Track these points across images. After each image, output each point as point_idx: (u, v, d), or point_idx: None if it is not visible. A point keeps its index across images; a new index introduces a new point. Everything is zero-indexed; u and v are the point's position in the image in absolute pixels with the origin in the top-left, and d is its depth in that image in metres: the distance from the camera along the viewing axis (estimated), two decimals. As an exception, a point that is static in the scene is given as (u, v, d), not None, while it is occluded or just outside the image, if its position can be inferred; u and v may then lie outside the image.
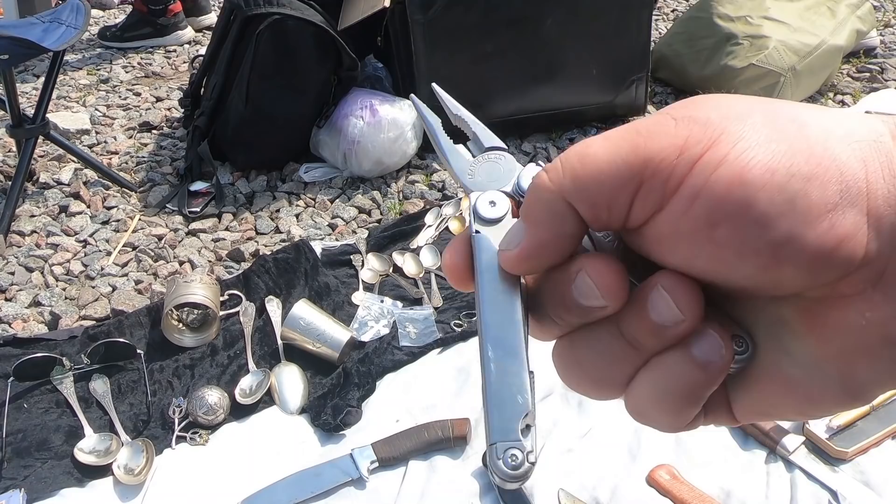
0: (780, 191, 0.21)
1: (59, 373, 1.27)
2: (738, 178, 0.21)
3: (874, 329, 0.21)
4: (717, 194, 0.21)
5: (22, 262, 1.63)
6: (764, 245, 0.21)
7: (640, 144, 0.22)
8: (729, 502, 1.04)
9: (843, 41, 2.19)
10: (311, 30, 1.79)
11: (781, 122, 0.22)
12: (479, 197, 0.27)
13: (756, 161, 0.21)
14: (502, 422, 0.23)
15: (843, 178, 0.21)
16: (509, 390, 0.23)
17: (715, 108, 0.22)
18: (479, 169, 0.28)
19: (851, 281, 0.21)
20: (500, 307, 0.25)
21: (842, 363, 0.22)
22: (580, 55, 2.00)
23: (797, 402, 0.24)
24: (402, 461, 1.13)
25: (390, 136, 1.83)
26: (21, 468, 1.13)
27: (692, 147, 0.22)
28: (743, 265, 0.21)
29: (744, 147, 0.21)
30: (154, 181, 1.94)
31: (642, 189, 0.22)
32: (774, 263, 0.21)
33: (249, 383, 1.26)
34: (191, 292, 1.34)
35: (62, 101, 2.42)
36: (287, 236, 1.70)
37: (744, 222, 0.21)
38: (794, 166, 0.21)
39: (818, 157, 0.21)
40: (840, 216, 0.20)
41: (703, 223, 0.21)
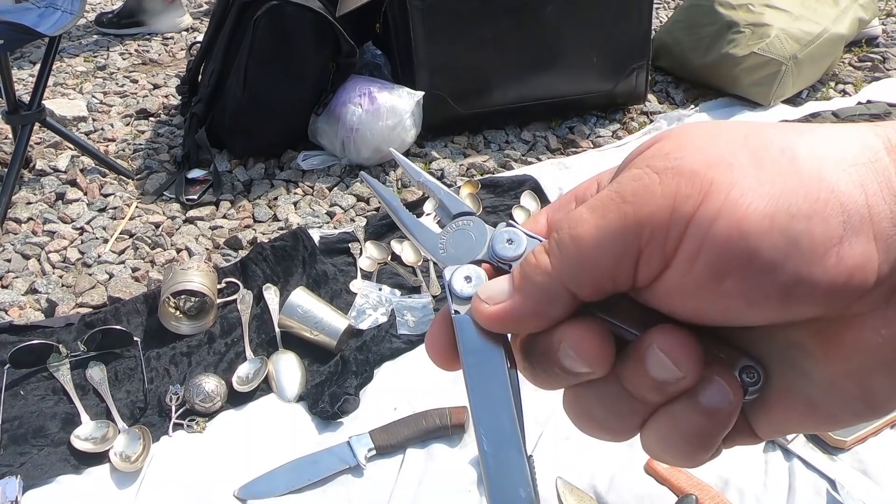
0: (781, 234, 0.20)
1: (55, 360, 1.26)
2: (737, 230, 0.20)
3: (890, 344, 0.21)
4: (718, 249, 0.21)
5: (18, 250, 1.62)
6: (774, 291, 0.21)
7: (629, 213, 0.22)
8: (727, 490, 1.04)
9: (845, 30, 2.18)
10: (309, 16, 1.78)
11: (771, 157, 0.21)
12: (452, 273, 0.26)
13: (752, 208, 0.20)
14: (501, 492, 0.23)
15: (845, 209, 0.20)
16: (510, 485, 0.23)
17: (700, 153, 0.21)
18: (449, 240, 0.27)
19: (865, 301, 0.21)
20: (488, 392, 0.24)
21: (860, 380, 0.22)
22: (580, 43, 1.99)
23: (819, 420, 0.24)
24: (400, 449, 1.12)
25: (389, 124, 1.82)
26: (17, 455, 1.13)
27: (683, 205, 0.21)
28: (755, 311, 0.21)
29: (737, 195, 0.20)
30: (151, 168, 1.93)
31: (643, 256, 0.22)
32: (787, 305, 0.21)
33: (247, 371, 1.26)
34: (188, 280, 1.33)
35: (59, 87, 2.40)
36: (285, 224, 1.69)
37: (750, 272, 0.21)
38: (793, 206, 0.20)
39: (815, 192, 0.20)
40: (847, 248, 0.20)
41: (709, 278, 0.21)
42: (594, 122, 2.09)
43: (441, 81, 1.92)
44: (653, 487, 1.03)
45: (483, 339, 0.25)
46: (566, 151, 1.99)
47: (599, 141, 2.01)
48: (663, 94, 2.24)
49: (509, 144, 2.00)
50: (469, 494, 1.06)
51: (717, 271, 0.21)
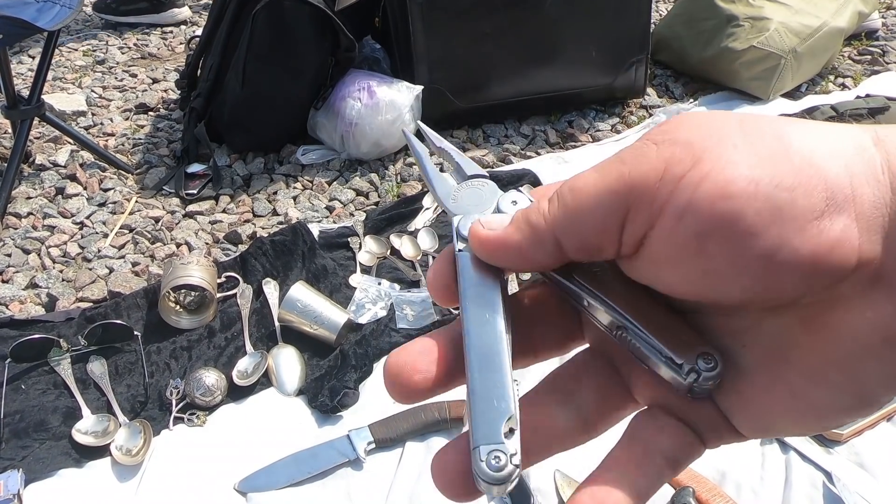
0: (765, 201, 0.21)
1: (56, 354, 1.27)
2: (722, 192, 0.21)
3: (876, 329, 0.21)
4: (702, 211, 0.21)
5: (19, 244, 1.63)
6: (755, 256, 0.21)
7: (625, 173, 0.23)
8: (724, 483, 1.04)
9: (845, 23, 2.18)
10: (307, 10, 1.78)
11: (763, 141, 0.22)
12: (461, 219, 0.28)
13: (739, 174, 0.21)
14: (485, 425, 0.23)
15: (828, 187, 0.21)
16: (492, 396, 0.24)
17: (696, 130, 0.22)
18: (461, 194, 0.29)
19: (849, 284, 0.21)
20: (482, 320, 0.25)
21: (846, 367, 0.22)
22: (579, 37, 1.98)
23: (802, 414, 0.23)
24: (399, 442, 1.13)
25: (388, 118, 1.82)
26: (19, 449, 1.13)
27: (674, 167, 0.22)
28: (737, 278, 0.22)
29: (726, 163, 0.21)
30: (151, 163, 1.93)
31: (629, 214, 0.23)
32: (768, 273, 0.21)
33: (247, 365, 1.26)
34: (188, 274, 1.33)
35: (58, 82, 2.40)
36: (284, 219, 1.70)
37: (732, 235, 0.21)
38: (777, 178, 0.21)
39: (801, 169, 0.21)
40: (828, 222, 0.21)
41: (692, 240, 0.22)
42: (593, 116, 2.09)
43: (440, 76, 1.92)
44: (650, 480, 1.04)
45: (482, 273, 0.26)
46: (565, 145, 1.99)
47: (598, 135, 2.02)
48: (662, 88, 2.24)
49: (508, 139, 2.00)
50: (468, 487, 1.07)
51: (701, 233, 0.21)
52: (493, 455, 0.22)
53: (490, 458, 0.22)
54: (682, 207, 0.21)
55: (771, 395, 0.24)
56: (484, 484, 0.23)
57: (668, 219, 0.22)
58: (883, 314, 0.21)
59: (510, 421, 0.23)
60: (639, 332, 0.24)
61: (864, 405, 0.23)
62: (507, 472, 0.22)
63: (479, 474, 0.23)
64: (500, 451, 0.23)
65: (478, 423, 0.23)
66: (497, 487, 0.23)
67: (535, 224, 0.25)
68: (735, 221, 0.21)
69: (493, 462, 0.22)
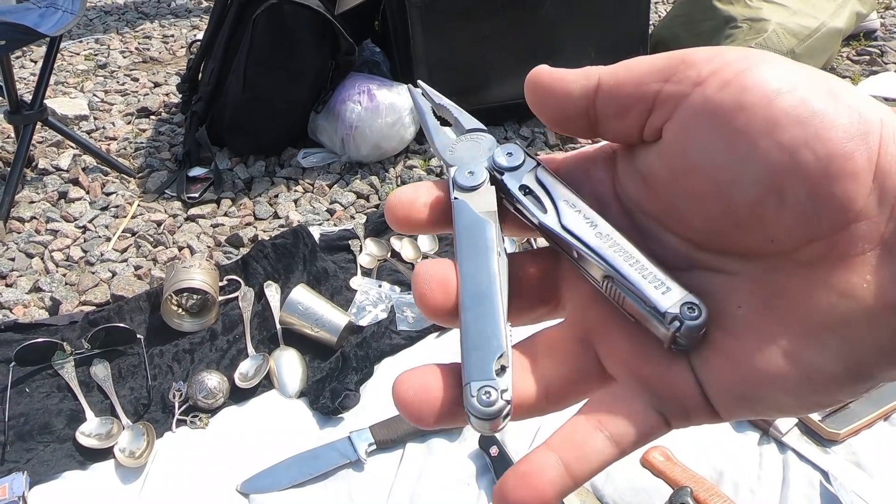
0: (801, 101, 0.21)
1: (60, 358, 1.28)
2: (769, 77, 0.21)
3: (876, 294, 0.21)
4: (746, 85, 0.21)
5: (22, 248, 1.64)
6: (779, 144, 0.21)
7: (678, 52, 0.24)
8: (722, 483, 1.05)
9: (843, 24, 2.18)
10: (307, 14, 1.79)
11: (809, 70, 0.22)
12: (457, 169, 0.28)
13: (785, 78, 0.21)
14: (476, 362, 0.23)
15: (863, 121, 0.21)
16: (483, 334, 0.24)
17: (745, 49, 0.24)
18: (459, 146, 0.29)
19: (849, 238, 0.21)
20: (476, 262, 0.25)
21: (843, 331, 0.21)
22: (578, 38, 1.99)
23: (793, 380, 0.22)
24: (400, 443, 1.14)
25: (388, 121, 1.83)
26: (24, 451, 1.15)
27: (726, 53, 0.23)
28: (753, 162, 0.21)
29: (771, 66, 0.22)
30: (152, 167, 1.94)
31: (673, 78, 0.23)
32: (780, 172, 0.21)
33: (248, 367, 1.27)
34: (190, 277, 1.34)
35: (60, 86, 2.42)
36: (285, 222, 1.71)
37: (765, 115, 0.21)
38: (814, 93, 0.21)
39: (837, 96, 0.21)
40: (854, 149, 0.20)
41: (728, 107, 0.22)
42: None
43: (440, 78, 1.93)
44: (648, 480, 1.05)
45: (477, 216, 0.27)
46: (564, 147, 2.00)
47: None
48: (661, 90, 2.24)
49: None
50: (468, 488, 1.08)
51: (739, 103, 0.22)
52: (484, 391, 0.23)
53: (481, 393, 0.23)
54: (726, 80, 0.22)
55: (762, 357, 0.22)
56: (476, 420, 0.23)
57: (710, 86, 0.22)
58: (883, 279, 0.21)
59: (502, 358, 0.23)
60: (624, 282, 0.24)
61: (856, 378, 0.22)
62: (497, 407, 0.22)
63: (471, 410, 0.23)
64: (490, 386, 0.23)
65: (469, 360, 0.23)
66: (489, 423, 0.23)
67: (592, 77, 0.26)
68: (771, 103, 0.21)
69: (484, 397, 0.22)
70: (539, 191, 0.27)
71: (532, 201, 0.27)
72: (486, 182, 0.27)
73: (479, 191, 0.27)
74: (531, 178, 0.27)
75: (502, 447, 1.09)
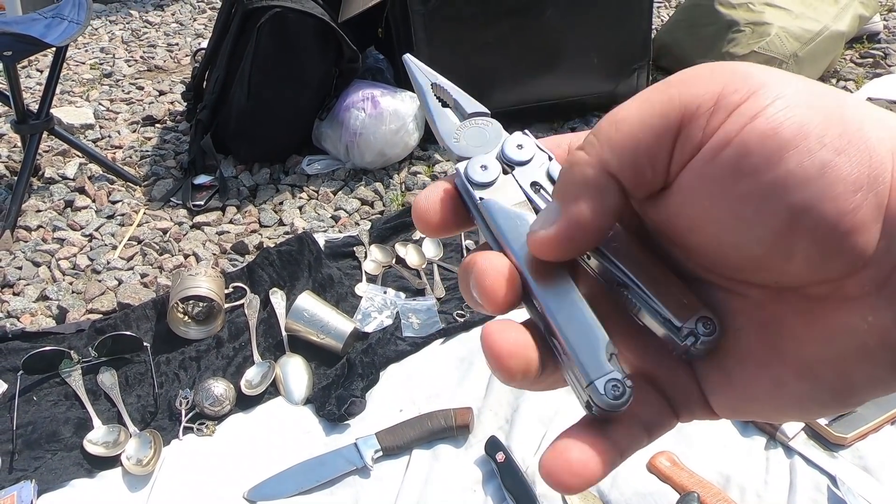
0: (810, 156, 0.20)
1: (67, 366, 1.29)
2: (773, 133, 0.20)
3: (875, 333, 0.21)
4: (748, 145, 0.20)
5: (29, 257, 1.65)
6: (784, 208, 0.20)
7: (675, 95, 0.22)
8: (729, 488, 1.05)
9: (846, 27, 2.18)
10: (311, 22, 1.80)
11: (820, 92, 0.21)
12: (468, 164, 0.27)
13: (792, 121, 0.20)
14: (591, 359, 0.23)
15: (872, 163, 0.20)
16: (583, 330, 0.23)
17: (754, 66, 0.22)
18: (464, 134, 0.28)
19: (857, 281, 0.21)
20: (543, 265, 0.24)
21: (838, 366, 0.22)
22: (581, 44, 2.00)
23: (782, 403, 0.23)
24: (406, 450, 1.14)
25: (392, 128, 1.84)
26: (32, 460, 1.15)
27: (730, 95, 0.21)
28: (759, 226, 0.21)
29: (783, 105, 0.20)
30: (158, 175, 1.95)
31: (681, 136, 0.22)
32: (789, 231, 0.20)
33: (255, 374, 1.28)
34: (196, 285, 1.35)
35: (66, 95, 2.43)
36: (290, 229, 1.71)
37: (769, 179, 0.20)
38: (827, 137, 0.20)
39: (851, 135, 0.20)
40: (863, 200, 0.20)
41: (729, 172, 0.21)
42: (596, 122, 2.10)
43: (443, 85, 1.93)
44: (655, 485, 1.05)
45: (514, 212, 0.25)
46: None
47: (601, 141, 2.02)
48: (665, 94, 2.24)
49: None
50: (474, 494, 1.08)
51: (740, 168, 0.20)
52: (612, 385, 0.23)
53: (608, 388, 0.23)
54: (730, 137, 0.21)
55: (755, 381, 0.23)
56: (605, 413, 0.23)
57: (713, 146, 0.21)
58: (884, 319, 0.21)
59: (608, 346, 0.23)
60: (640, 292, 0.24)
61: (845, 403, 0.23)
62: (626, 396, 0.23)
63: (603, 406, 0.23)
64: (615, 379, 0.23)
65: (583, 359, 0.23)
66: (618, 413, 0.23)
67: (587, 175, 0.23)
68: (776, 165, 0.20)
69: (613, 391, 0.23)
70: (551, 188, 0.26)
71: (544, 199, 0.26)
72: (500, 176, 0.26)
73: (497, 185, 0.26)
74: (542, 173, 0.26)
75: (508, 453, 1.09)
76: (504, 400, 1.20)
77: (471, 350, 1.31)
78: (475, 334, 1.35)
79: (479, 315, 1.37)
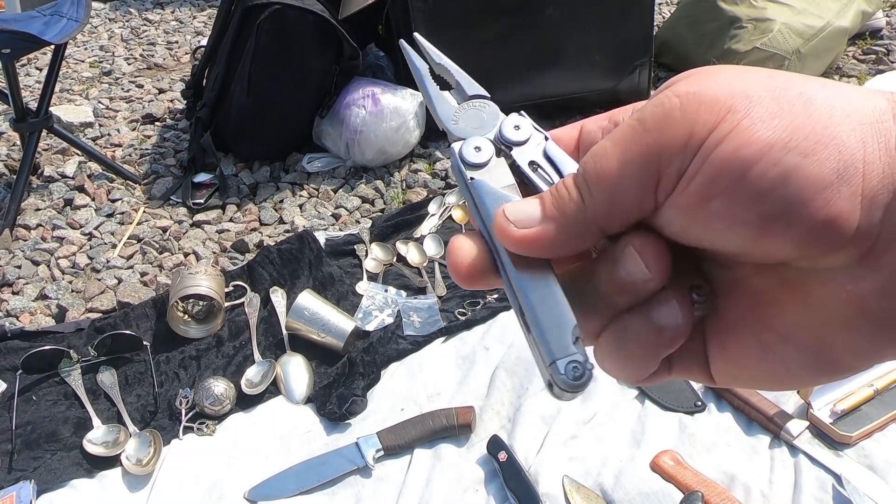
0: (774, 165, 0.21)
1: (66, 365, 1.28)
2: (736, 154, 0.21)
3: (854, 302, 0.22)
4: (714, 169, 0.22)
5: (28, 256, 1.64)
6: (754, 217, 0.21)
7: (650, 142, 0.23)
8: (733, 487, 1.04)
9: (849, 23, 2.17)
10: (311, 19, 1.79)
11: (787, 97, 0.22)
12: (462, 144, 0.27)
13: (756, 136, 0.21)
14: (555, 339, 0.24)
15: (841, 157, 0.21)
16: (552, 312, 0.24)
17: (722, 84, 0.23)
18: (462, 115, 0.29)
19: (839, 256, 0.22)
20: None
21: (819, 334, 0.23)
22: (582, 41, 1.99)
23: (772, 370, 0.25)
24: (408, 449, 1.13)
25: (392, 126, 1.83)
26: (31, 459, 1.14)
27: (699, 130, 0.22)
28: (736, 234, 0.22)
29: (747, 124, 0.21)
30: (158, 173, 1.95)
31: (661, 181, 0.23)
32: (763, 236, 0.22)
33: (255, 373, 1.27)
34: (196, 284, 1.34)
35: (65, 94, 2.42)
36: (291, 227, 1.71)
37: (737, 195, 0.21)
38: (793, 142, 0.21)
39: (818, 134, 0.21)
40: (834, 194, 0.21)
41: (699, 198, 0.22)
42: (597, 119, 2.09)
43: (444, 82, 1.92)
44: (658, 485, 1.04)
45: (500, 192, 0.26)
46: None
47: (603, 139, 2.02)
48: (666, 91, 2.24)
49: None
50: (476, 494, 1.07)
51: (710, 191, 0.22)
52: (573, 366, 0.23)
53: (569, 368, 0.23)
54: (697, 168, 0.22)
55: (744, 346, 0.25)
56: (565, 394, 0.24)
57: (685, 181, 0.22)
58: (864, 289, 0.22)
59: (575, 330, 0.24)
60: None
61: (831, 371, 0.24)
62: (585, 378, 0.23)
63: (563, 386, 0.23)
64: (576, 361, 0.23)
65: (548, 338, 0.24)
66: (579, 392, 0.24)
67: (573, 216, 0.24)
68: (741, 182, 0.21)
69: (573, 372, 0.23)
70: (547, 166, 0.27)
71: (541, 178, 0.26)
72: (493, 157, 0.27)
73: (490, 166, 0.27)
74: (539, 152, 0.27)
75: (511, 452, 1.09)
76: (506, 399, 1.20)
77: (472, 349, 1.30)
78: (477, 333, 1.34)
79: (481, 313, 1.37)
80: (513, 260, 0.25)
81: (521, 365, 1.24)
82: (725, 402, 1.17)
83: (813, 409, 1.12)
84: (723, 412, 1.16)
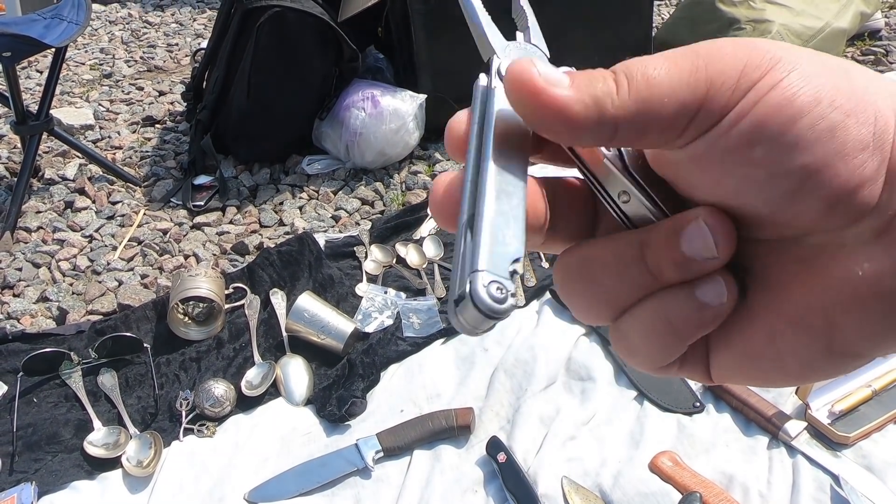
0: (821, 118, 0.21)
1: (67, 367, 1.28)
2: (787, 102, 0.21)
3: (868, 282, 0.22)
4: (762, 116, 0.21)
5: (29, 258, 1.64)
6: (796, 168, 0.21)
7: (701, 67, 0.22)
8: (731, 488, 1.05)
9: (847, 24, 2.18)
10: (311, 21, 1.79)
11: (828, 62, 0.22)
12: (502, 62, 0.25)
13: (804, 90, 0.21)
14: (494, 255, 0.21)
15: (877, 122, 0.21)
16: (505, 233, 0.22)
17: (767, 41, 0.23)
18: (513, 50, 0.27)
19: (856, 230, 0.22)
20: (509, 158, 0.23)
21: (829, 315, 0.22)
22: (581, 43, 1.99)
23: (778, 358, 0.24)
24: (407, 451, 1.14)
25: (392, 127, 1.84)
26: (32, 461, 1.15)
27: (751, 72, 0.22)
28: (770, 188, 0.22)
29: (797, 76, 0.21)
30: (158, 175, 1.95)
31: (701, 112, 0.22)
32: (800, 190, 0.21)
33: (255, 375, 1.27)
34: (196, 286, 1.35)
35: (66, 96, 2.43)
36: (291, 229, 1.71)
37: (782, 143, 0.21)
38: (837, 101, 0.21)
39: (858, 97, 0.21)
40: (869, 157, 0.21)
41: (743, 142, 0.21)
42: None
43: (443, 84, 1.93)
44: (657, 485, 1.04)
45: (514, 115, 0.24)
46: (569, 151, 1.99)
47: (602, 140, 2.02)
48: (665, 92, 2.24)
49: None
50: (475, 495, 1.07)
51: (754, 136, 0.21)
52: (496, 286, 0.21)
53: (492, 287, 0.21)
54: (746, 110, 0.21)
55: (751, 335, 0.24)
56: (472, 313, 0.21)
57: (728, 121, 0.22)
58: (879, 268, 0.21)
59: (516, 263, 0.22)
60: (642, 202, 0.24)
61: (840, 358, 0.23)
62: (505, 306, 0.21)
63: (476, 301, 0.21)
64: (503, 284, 0.21)
65: (486, 249, 0.21)
66: (487, 322, 0.21)
67: (603, 104, 0.22)
68: (788, 130, 0.21)
69: (495, 292, 0.21)
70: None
71: None
72: None
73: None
74: None
75: (510, 453, 1.09)
76: (505, 400, 1.20)
77: (472, 350, 1.31)
78: (476, 334, 1.34)
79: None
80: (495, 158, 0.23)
81: (520, 366, 1.25)
82: (724, 402, 1.18)
83: (811, 410, 1.12)
84: (721, 413, 1.16)
